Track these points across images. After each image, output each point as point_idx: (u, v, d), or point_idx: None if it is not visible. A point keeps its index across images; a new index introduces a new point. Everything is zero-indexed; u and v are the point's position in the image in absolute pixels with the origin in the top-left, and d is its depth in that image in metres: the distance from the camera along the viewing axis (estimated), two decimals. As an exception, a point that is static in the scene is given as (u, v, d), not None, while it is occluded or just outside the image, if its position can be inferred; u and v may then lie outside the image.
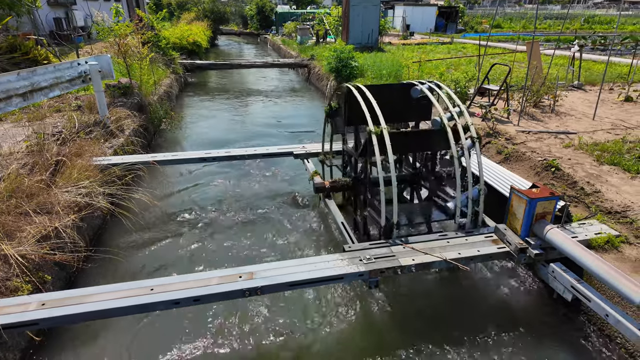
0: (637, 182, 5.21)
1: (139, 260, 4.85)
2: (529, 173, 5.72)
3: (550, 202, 3.75)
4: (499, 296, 4.37)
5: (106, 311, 3.12)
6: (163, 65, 13.49)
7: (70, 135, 6.23)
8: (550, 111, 8.51)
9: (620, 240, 4.03)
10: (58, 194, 4.71)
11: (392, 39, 26.02)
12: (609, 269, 3.15)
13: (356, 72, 11.91)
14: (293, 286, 3.43)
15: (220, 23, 34.60)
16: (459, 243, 3.95)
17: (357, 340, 3.81)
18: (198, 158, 6.21)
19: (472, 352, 3.61)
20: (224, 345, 3.65)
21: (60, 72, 6.28)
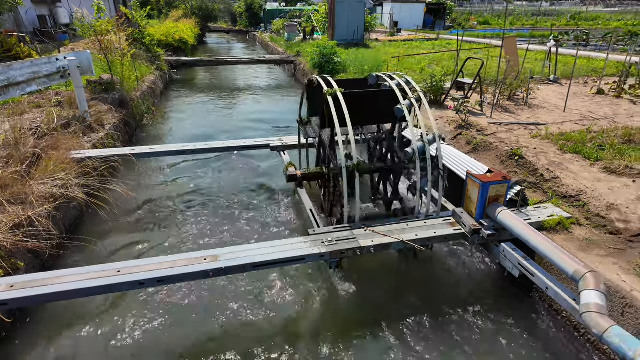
0: (596, 169, 5.44)
1: (114, 248, 4.98)
2: (495, 162, 5.94)
3: (503, 185, 3.95)
4: (459, 277, 4.57)
5: (74, 292, 3.26)
6: (147, 62, 13.53)
7: (48, 130, 6.33)
8: (523, 104, 8.76)
9: (571, 221, 4.25)
10: (33, 185, 4.82)
11: (379, 35, 26.19)
12: (550, 246, 3.36)
13: (339, 67, 12.07)
14: (256, 267, 3.59)
15: (209, 20, 34.52)
16: (418, 226, 4.14)
17: (324, 317, 3.98)
18: (175, 151, 6.34)
19: (430, 328, 3.80)
20: (191, 323, 3.81)
21: (37, 67, 6.36)
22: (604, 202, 4.51)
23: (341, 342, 3.66)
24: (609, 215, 4.30)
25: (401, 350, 3.58)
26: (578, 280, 3.03)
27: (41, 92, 8.63)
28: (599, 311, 2.78)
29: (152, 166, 7.42)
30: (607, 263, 3.68)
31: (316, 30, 23.34)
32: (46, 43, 16.61)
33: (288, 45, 19.93)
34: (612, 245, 3.91)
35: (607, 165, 5.41)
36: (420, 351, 3.56)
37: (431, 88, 8.53)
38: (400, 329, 3.79)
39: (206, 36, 34.98)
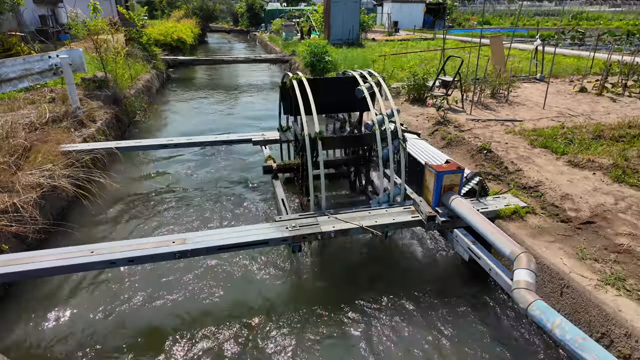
0: (561, 162, 5.65)
1: (96, 234, 5.26)
2: (465, 156, 6.15)
3: (457, 174, 4.18)
4: (422, 263, 4.81)
5: (50, 269, 3.53)
6: (144, 61, 13.84)
7: (39, 124, 6.62)
8: (505, 101, 8.96)
9: (526, 210, 4.47)
10: (20, 175, 5.10)
11: (377, 35, 26.39)
12: (494, 231, 3.59)
13: (329, 66, 12.31)
14: (221, 249, 3.85)
15: (209, 20, 34.88)
16: (379, 214, 4.37)
17: (289, 298, 4.22)
18: (159, 145, 6.61)
19: (390, 310, 4.04)
20: (163, 301, 4.07)
21: (29, 65, 6.65)
22: (560, 192, 4.72)
23: (302, 321, 3.90)
24: (562, 204, 4.51)
25: (360, 330, 3.82)
26: (513, 260, 3.25)
27: (37, 89, 8.94)
28: (527, 287, 3.01)
29: (140, 160, 7.70)
30: (554, 248, 3.90)
31: (314, 30, 23.61)
32: (47, 42, 16.99)
33: (285, 44, 20.20)
34: (561, 232, 4.13)
35: (571, 159, 5.62)
36: (379, 329, 3.80)
37: (414, 86, 8.75)
38: (360, 310, 4.03)
39: (207, 36, 35.33)
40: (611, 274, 3.49)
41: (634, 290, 3.30)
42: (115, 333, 3.74)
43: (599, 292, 3.32)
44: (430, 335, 3.76)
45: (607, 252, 3.75)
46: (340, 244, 5.10)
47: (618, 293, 3.29)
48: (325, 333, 3.77)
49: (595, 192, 4.75)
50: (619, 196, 4.65)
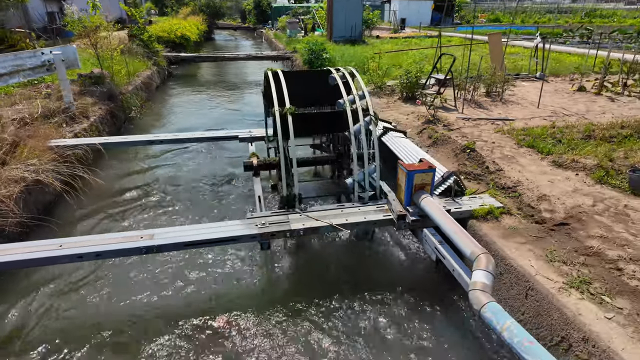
0: (545, 162, 5.56)
1: (81, 229, 5.34)
2: (449, 155, 6.09)
3: (427, 174, 4.14)
4: (399, 262, 4.79)
5: (20, 262, 3.60)
6: (145, 57, 13.96)
7: (30, 120, 6.74)
8: (499, 100, 8.84)
9: (501, 211, 4.40)
10: (2, 170, 5.21)
11: (383, 32, 26.24)
12: (457, 230, 3.55)
13: (327, 63, 12.28)
14: (188, 246, 3.88)
15: (216, 17, 35.04)
16: (351, 212, 4.36)
17: (265, 293, 4.25)
18: (146, 141, 6.68)
19: (362, 307, 4.04)
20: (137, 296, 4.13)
21: (21, 61, 6.77)
22: (537, 193, 4.65)
23: (271, 318, 3.92)
24: (538, 205, 4.44)
25: (326, 327, 3.82)
26: (473, 261, 3.22)
27: (34, 85, 9.09)
28: (482, 289, 2.97)
29: (128, 156, 7.79)
30: (523, 250, 3.84)
31: (318, 27, 23.55)
32: (53, 39, 17.27)
33: (288, 41, 20.19)
34: (534, 233, 4.06)
35: (555, 159, 5.52)
36: (340, 326, 3.80)
37: (406, 84, 8.68)
38: (333, 307, 4.04)
39: (214, 33, 35.49)
40: (577, 277, 3.42)
41: (597, 294, 3.24)
42: (86, 326, 3.80)
43: (562, 296, 3.26)
44: (396, 333, 3.74)
45: (576, 255, 3.69)
46: (326, 240, 5.10)
47: (581, 296, 3.24)
48: (295, 328, 3.79)
49: (574, 193, 4.66)
50: (599, 197, 4.56)
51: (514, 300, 3.67)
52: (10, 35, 13.43)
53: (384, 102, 9.02)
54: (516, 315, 3.63)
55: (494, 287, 3.80)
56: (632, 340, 2.83)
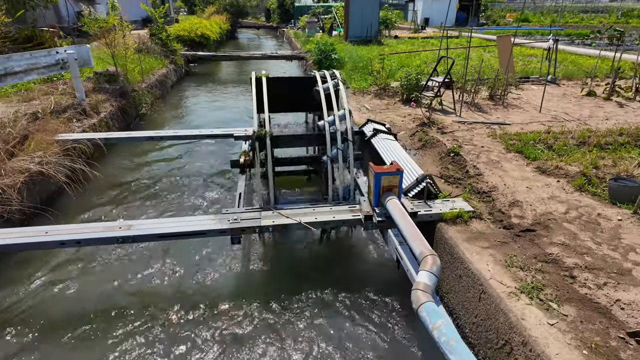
0: (529, 168, 5.51)
1: (78, 219, 5.71)
2: (435, 158, 6.12)
3: (395, 176, 4.23)
4: (368, 262, 4.90)
5: (7, 246, 3.94)
6: (162, 55, 14.49)
7: (42, 115, 7.20)
8: (501, 103, 8.73)
9: (470, 215, 4.43)
10: (13, 160, 5.64)
11: (402, 32, 26.08)
12: (413, 232, 3.63)
13: (335, 63, 12.40)
14: (161, 237, 4.13)
15: (240, 16, 35.66)
16: (323, 211, 4.50)
17: (238, 288, 4.47)
18: (147, 137, 7.02)
19: (329, 306, 4.19)
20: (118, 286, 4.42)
21: (35, 59, 7.25)
22: (511, 199, 4.64)
23: (238, 312, 4.13)
24: (509, 211, 4.45)
25: (291, 325, 3.99)
26: (420, 261, 3.31)
27: (53, 82, 9.66)
28: (423, 289, 3.06)
29: (131, 151, 8.17)
30: (484, 254, 3.88)
31: (337, 27, 23.64)
32: (81, 37, 18.13)
33: (305, 41, 20.39)
34: (499, 238, 4.08)
35: (539, 165, 5.47)
36: (308, 325, 3.96)
37: (406, 86, 8.70)
38: (301, 304, 4.20)
39: (237, 32, 36.15)
40: (530, 282, 3.45)
41: (546, 300, 3.26)
42: (71, 310, 4.12)
43: (511, 300, 3.30)
44: (352, 329, 3.87)
45: (534, 261, 3.70)
46: (301, 238, 5.27)
47: (529, 302, 3.26)
48: (263, 324, 3.98)
49: (549, 200, 4.63)
50: (574, 205, 4.52)
51: (469, 302, 3.72)
52: (40, 34, 14.21)
53: (384, 104, 9.07)
54: (470, 318, 3.70)
55: (453, 288, 3.89)
56: (569, 347, 2.86)
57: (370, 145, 6.49)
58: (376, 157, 6.21)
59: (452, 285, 4.05)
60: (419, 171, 5.05)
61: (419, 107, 8.09)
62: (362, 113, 8.45)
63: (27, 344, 3.70)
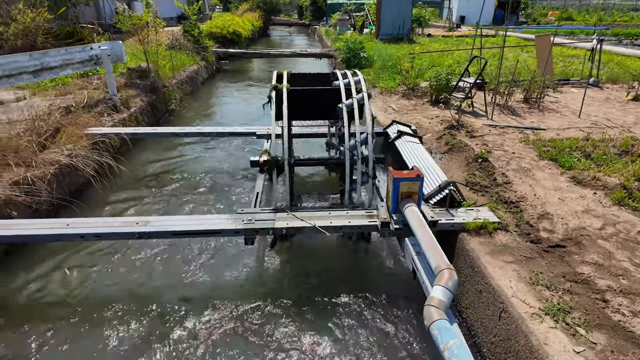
0: (564, 178, 5.17)
1: (103, 212, 5.86)
2: (461, 163, 5.86)
3: (415, 182, 4.04)
4: (385, 267, 4.75)
5: (30, 236, 4.08)
6: (193, 52, 14.75)
7: (75, 108, 7.46)
8: (537, 107, 8.28)
9: (495, 226, 4.18)
10: (45, 153, 5.85)
11: (437, 30, 25.42)
12: (430, 243, 3.45)
13: (364, 62, 12.19)
14: (176, 235, 4.15)
15: (272, 13, 35.88)
16: (338, 215, 4.38)
17: (254, 286, 4.44)
18: (171, 133, 7.12)
19: (343, 309, 4.09)
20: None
21: (70, 55, 7.51)
22: (540, 210, 4.35)
23: (256, 308, 4.09)
24: (538, 224, 4.17)
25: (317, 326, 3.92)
26: (436, 275, 3.13)
27: (88, 77, 10.00)
28: (437, 305, 2.89)
29: (159, 146, 8.33)
30: (508, 269, 3.64)
31: (369, 24, 23.30)
32: (118, 34, 18.77)
33: (335, 39, 20.23)
34: (526, 253, 3.83)
35: (575, 175, 5.11)
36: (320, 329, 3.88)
37: (436, 87, 8.41)
38: (315, 304, 4.12)
39: (270, 29, 36.41)
40: (557, 303, 3.20)
41: (573, 324, 3.01)
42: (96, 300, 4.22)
43: (533, 322, 3.07)
44: (361, 338, 3.74)
45: (563, 280, 3.43)
46: (324, 241, 5.19)
47: (554, 325, 3.02)
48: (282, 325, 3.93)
49: (583, 214, 4.31)
50: (611, 221, 4.18)
51: (489, 320, 3.51)
52: (80, 30, 14.79)
53: (411, 104, 8.81)
54: (488, 337, 3.49)
55: (472, 304, 3.70)
56: (596, 379, 2.62)
57: (394, 148, 6.31)
58: (399, 160, 6.02)
59: (471, 301, 3.84)
60: (443, 177, 4.83)
61: (447, 109, 7.79)
62: (388, 114, 8.24)
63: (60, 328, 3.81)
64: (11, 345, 3.66)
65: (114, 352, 3.61)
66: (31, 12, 11.04)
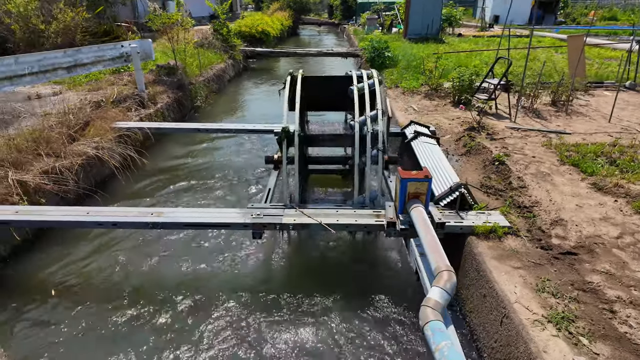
0: (584, 184, 4.98)
1: (122, 200, 6.14)
2: (478, 166, 5.74)
3: (422, 183, 4.01)
4: (394, 268, 4.74)
5: (56, 222, 4.35)
6: (222, 51, 15.09)
7: (104, 103, 7.82)
8: (564, 110, 7.98)
9: (505, 231, 4.09)
10: (74, 145, 6.19)
11: (468, 30, 24.83)
12: (433, 244, 3.42)
13: (388, 62, 12.10)
14: (187, 226, 4.31)
15: (302, 13, 36.10)
16: (346, 214, 4.40)
17: (262, 280, 4.55)
18: (193, 129, 7.35)
19: (343, 307, 4.13)
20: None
21: (102, 52, 7.88)
22: (554, 216, 4.22)
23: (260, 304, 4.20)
24: (550, 230, 4.05)
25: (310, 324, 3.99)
26: (435, 276, 3.11)
27: (120, 73, 10.45)
28: (433, 306, 2.87)
29: (181, 141, 8.59)
30: (514, 274, 3.56)
31: (398, 24, 23.06)
32: (152, 32, 19.45)
33: (362, 38, 20.13)
34: (534, 259, 3.73)
35: (596, 181, 4.91)
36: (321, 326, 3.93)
37: (458, 87, 8.26)
38: (319, 301, 4.18)
39: (299, 28, 36.64)
40: (561, 311, 3.11)
41: (577, 333, 2.92)
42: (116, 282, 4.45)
43: (534, 329, 3.00)
44: (359, 337, 3.76)
45: (570, 288, 3.33)
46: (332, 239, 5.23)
47: (556, 333, 2.94)
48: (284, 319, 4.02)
49: (600, 222, 4.14)
50: (629, 229, 4.00)
51: (491, 325, 3.46)
52: (116, 28, 15.44)
53: (432, 105, 8.69)
54: (489, 342, 3.43)
55: (476, 308, 3.66)
56: (594, 391, 2.54)
57: (410, 148, 6.26)
58: (414, 160, 5.97)
59: (475, 305, 3.78)
60: (455, 179, 4.76)
61: (468, 110, 7.64)
62: (408, 114, 8.17)
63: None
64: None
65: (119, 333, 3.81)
66: (71, 11, 11.66)
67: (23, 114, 7.26)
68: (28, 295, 4.25)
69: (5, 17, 11.10)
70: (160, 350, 3.66)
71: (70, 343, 3.72)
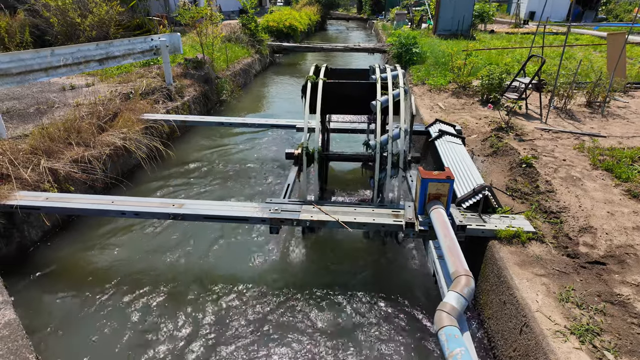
0: (617, 190, 4.73)
1: (146, 190, 6.30)
2: (504, 167, 5.55)
3: (444, 184, 3.91)
4: (410, 268, 4.66)
5: (81, 209, 4.48)
6: (249, 45, 15.20)
7: (133, 95, 8.03)
8: (600, 112, 7.60)
9: (530, 236, 3.94)
10: (103, 135, 6.39)
11: (502, 27, 24.05)
12: (452, 247, 3.33)
13: (415, 58, 11.87)
14: (207, 219, 4.36)
15: (331, 8, 35.90)
16: (363, 212, 4.35)
17: (280, 273, 4.59)
18: (217, 122, 7.44)
19: (354, 305, 4.10)
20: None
21: (132, 45, 8.08)
22: (583, 223, 4.02)
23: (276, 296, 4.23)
24: (578, 237, 3.86)
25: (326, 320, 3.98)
26: (452, 280, 3.03)
27: (150, 65, 10.70)
28: (449, 311, 2.79)
29: (205, 134, 8.72)
30: (537, 282, 3.43)
31: (428, 19, 22.57)
32: (183, 26, 19.82)
33: (390, 34, 19.82)
34: (560, 267, 3.58)
35: (631, 188, 4.65)
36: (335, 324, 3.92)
37: (487, 86, 8.01)
38: (332, 297, 4.17)
39: (327, 23, 36.48)
40: (586, 323, 2.97)
41: (602, 347, 2.78)
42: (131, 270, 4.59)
43: (556, 340, 2.88)
44: (372, 339, 3.72)
45: (597, 300, 3.17)
46: (351, 236, 5.20)
47: (579, 346, 2.81)
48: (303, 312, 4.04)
49: (634, 231, 3.92)
50: (666, 241, 3.77)
51: (510, 334, 3.34)
52: (148, 22, 15.82)
53: (460, 103, 8.46)
54: (507, 351, 3.32)
55: (495, 314, 3.56)
56: (618, 409, 2.41)
57: (434, 147, 6.12)
58: (437, 160, 5.84)
59: (494, 311, 3.67)
60: (479, 180, 4.62)
61: (497, 110, 7.39)
62: (434, 112, 7.98)
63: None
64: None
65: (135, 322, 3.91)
66: (105, 5, 12.02)
67: (57, 104, 7.55)
68: (59, 278, 4.43)
69: (44, 10, 11.55)
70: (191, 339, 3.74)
71: (88, 318, 3.86)
